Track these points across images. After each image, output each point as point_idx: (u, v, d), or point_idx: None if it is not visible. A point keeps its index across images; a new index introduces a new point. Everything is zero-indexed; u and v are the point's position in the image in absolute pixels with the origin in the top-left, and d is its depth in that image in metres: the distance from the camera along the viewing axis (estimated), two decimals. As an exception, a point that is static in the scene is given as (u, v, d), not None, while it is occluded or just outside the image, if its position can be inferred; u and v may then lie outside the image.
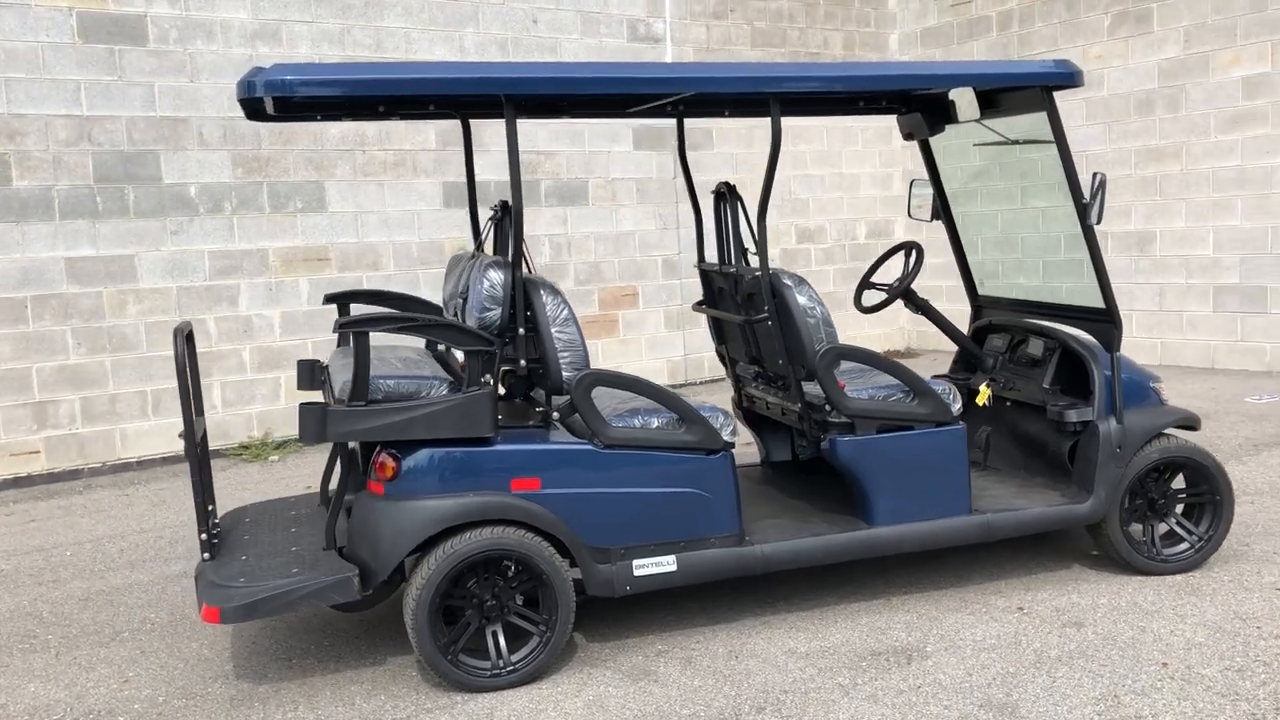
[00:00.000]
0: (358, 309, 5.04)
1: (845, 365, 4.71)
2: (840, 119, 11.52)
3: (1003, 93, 4.93)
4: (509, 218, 4.71)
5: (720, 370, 10.89)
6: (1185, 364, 9.87)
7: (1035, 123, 4.97)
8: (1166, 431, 4.83)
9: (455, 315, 4.68)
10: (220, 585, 3.92)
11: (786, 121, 11.13)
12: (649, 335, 10.46)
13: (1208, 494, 4.83)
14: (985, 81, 4.52)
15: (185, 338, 4.06)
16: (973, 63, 4.54)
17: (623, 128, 10.14)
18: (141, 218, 8.00)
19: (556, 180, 9.80)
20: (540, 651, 4.04)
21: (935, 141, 5.64)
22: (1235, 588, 4.62)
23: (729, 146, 10.82)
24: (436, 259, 9.22)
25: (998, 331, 5.48)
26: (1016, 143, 5.12)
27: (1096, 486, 4.65)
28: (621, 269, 10.25)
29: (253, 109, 4.54)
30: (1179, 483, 4.90)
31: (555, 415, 4.22)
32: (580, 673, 4.13)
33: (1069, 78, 4.53)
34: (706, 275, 5.28)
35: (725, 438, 4.28)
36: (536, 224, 9.71)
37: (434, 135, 9.16)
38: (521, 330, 4.18)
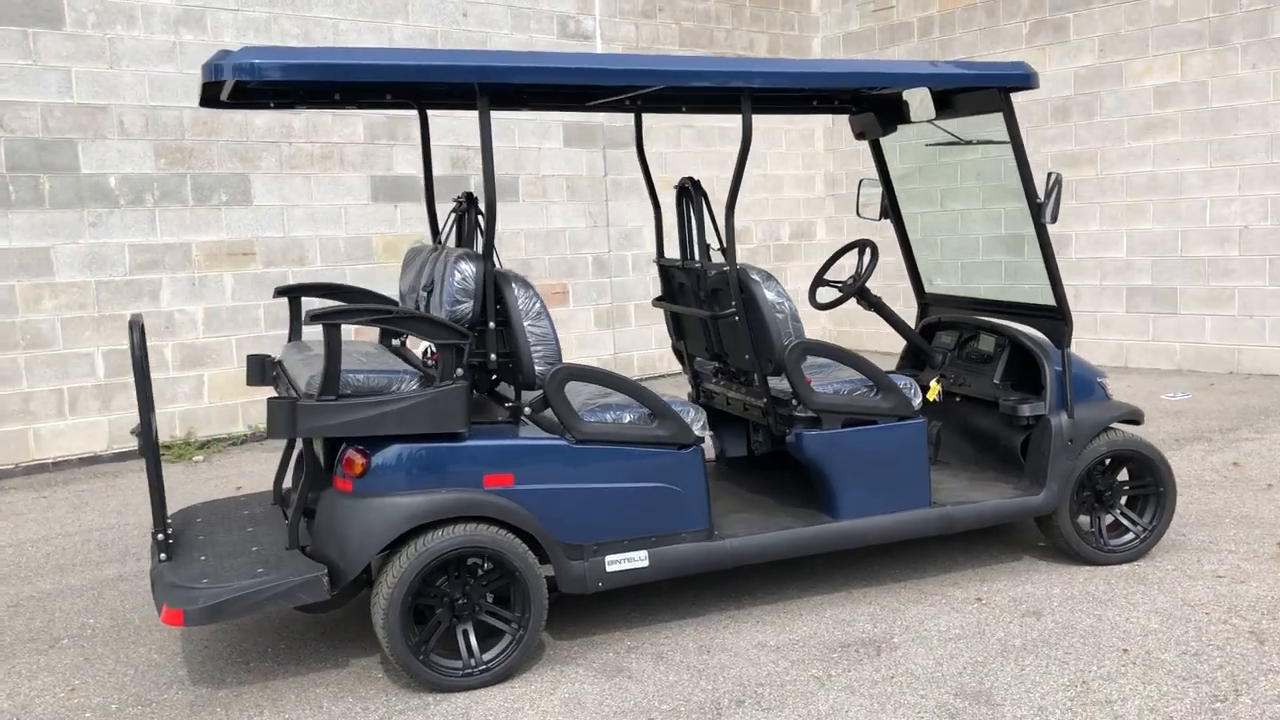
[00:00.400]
0: (309, 303, 4.90)
1: (810, 360, 4.75)
2: (764, 120, 11.63)
3: (958, 93, 5.02)
4: (472, 210, 4.63)
5: (650, 369, 10.90)
6: (1099, 362, 10.19)
7: (987, 123, 5.08)
8: (1111, 426, 4.97)
9: (417, 308, 4.59)
10: (181, 586, 3.78)
11: (713, 121, 11.19)
12: (579, 333, 10.42)
13: (1152, 486, 4.98)
14: (947, 81, 4.59)
15: (139, 330, 3.91)
16: (934, 63, 4.61)
17: (554, 124, 10.08)
18: (58, 209, 7.67)
19: (486, 176, 9.69)
20: (513, 650, 3.98)
21: (886, 141, 5.72)
22: (1180, 575, 4.77)
23: (658, 146, 10.83)
24: (364, 254, 9.04)
25: (946, 329, 5.58)
26: (969, 143, 5.22)
27: (1049, 479, 4.77)
28: (552, 266, 10.19)
29: (210, 95, 4.40)
30: (1123, 475, 5.05)
31: (526, 410, 4.16)
32: (552, 670, 4.08)
33: (1025, 79, 4.63)
34: (666, 270, 5.27)
35: (696, 432, 4.27)
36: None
37: (362, 128, 8.98)
38: (492, 324, 4.11)
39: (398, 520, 3.84)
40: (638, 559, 4.17)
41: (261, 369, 4.77)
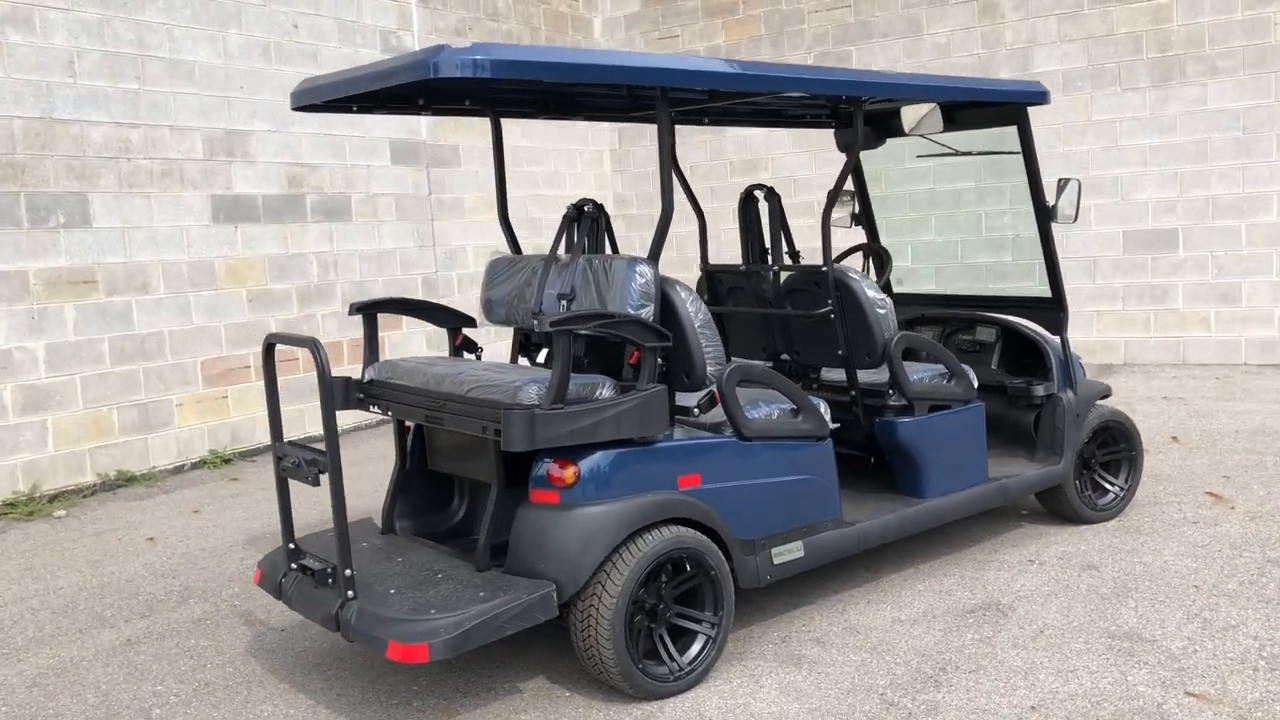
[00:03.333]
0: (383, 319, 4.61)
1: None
2: (560, 141, 11.82)
3: (965, 108, 5.54)
4: (584, 220, 4.55)
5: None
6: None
7: (975, 137, 5.64)
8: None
9: (519, 318, 4.52)
10: (407, 620, 3.49)
11: (516, 141, 11.23)
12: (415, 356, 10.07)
13: (1126, 451, 5.75)
14: (991, 96, 5.05)
15: (266, 350, 3.69)
16: (969, 78, 5.08)
17: (380, 142, 9.74)
18: (-122, 232, 6.51)
19: (322, 195, 9.21)
20: (711, 650, 4.00)
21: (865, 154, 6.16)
22: (1162, 525, 5.54)
23: (473, 165, 10.74)
24: (207, 280, 8.31)
25: (927, 324, 6.10)
26: (969, 154, 5.77)
27: (1065, 449, 5.39)
28: (385, 288, 9.82)
29: (306, 100, 4.10)
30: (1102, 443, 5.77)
31: (696, 410, 4.19)
32: (736, 666, 4.12)
33: (1044, 96, 5.23)
34: (714, 276, 5.40)
35: (830, 424, 4.48)
36: (304, 241, 9.05)
37: (200, 143, 8.27)
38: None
39: (617, 527, 3.76)
40: (796, 550, 4.31)
41: (345, 392, 4.44)
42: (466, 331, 4.91)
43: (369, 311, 4.60)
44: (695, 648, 3.99)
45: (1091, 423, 5.54)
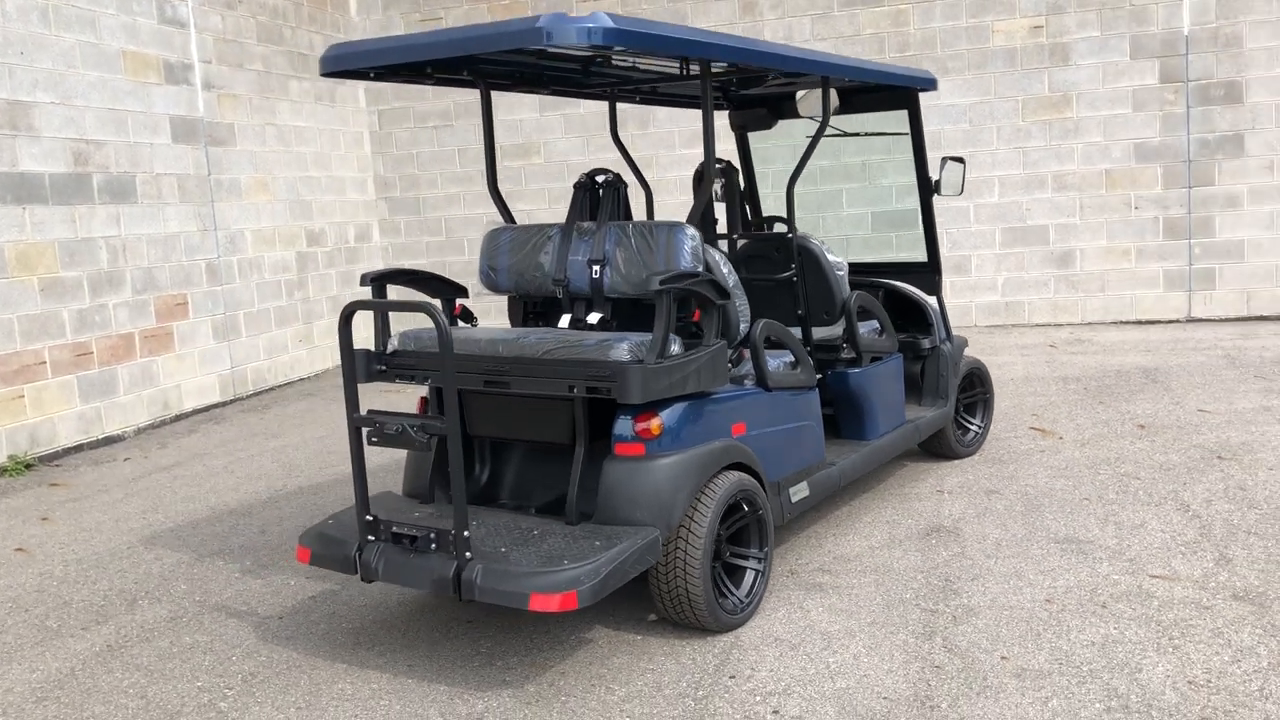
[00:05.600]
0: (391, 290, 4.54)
1: None
2: (326, 122, 11.48)
3: (859, 93, 6.16)
4: (607, 189, 4.67)
5: (263, 382, 10.26)
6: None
7: (865, 119, 6.30)
8: (950, 352, 6.52)
9: (560, 283, 4.60)
10: (545, 572, 3.59)
11: (286, 120, 10.81)
12: (201, 348, 9.50)
13: (981, 394, 6.65)
14: (894, 80, 5.68)
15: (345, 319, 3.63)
16: (873, 62, 5.66)
17: (162, 119, 9.09)
18: None
19: (108, 174, 8.49)
20: (760, 583, 4.35)
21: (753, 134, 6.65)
22: (1016, 454, 6.48)
23: (249, 144, 10.22)
24: None
25: None
26: (857, 135, 6.39)
27: (950, 394, 6.17)
28: (172, 275, 9.18)
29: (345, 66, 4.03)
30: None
31: (729, 365, 4.49)
32: (771, 599, 4.49)
33: (935, 83, 5.95)
34: None
35: (815, 374, 4.93)
36: (93, 224, 8.32)
37: (-13, 114, 7.42)
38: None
39: (698, 473, 4.02)
40: (804, 489, 4.74)
41: (366, 365, 4.38)
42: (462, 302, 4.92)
43: (380, 283, 4.52)
44: (748, 581, 4.32)
45: (962, 370, 6.37)
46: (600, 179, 4.72)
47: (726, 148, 11.44)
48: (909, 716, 3.47)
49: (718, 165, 5.45)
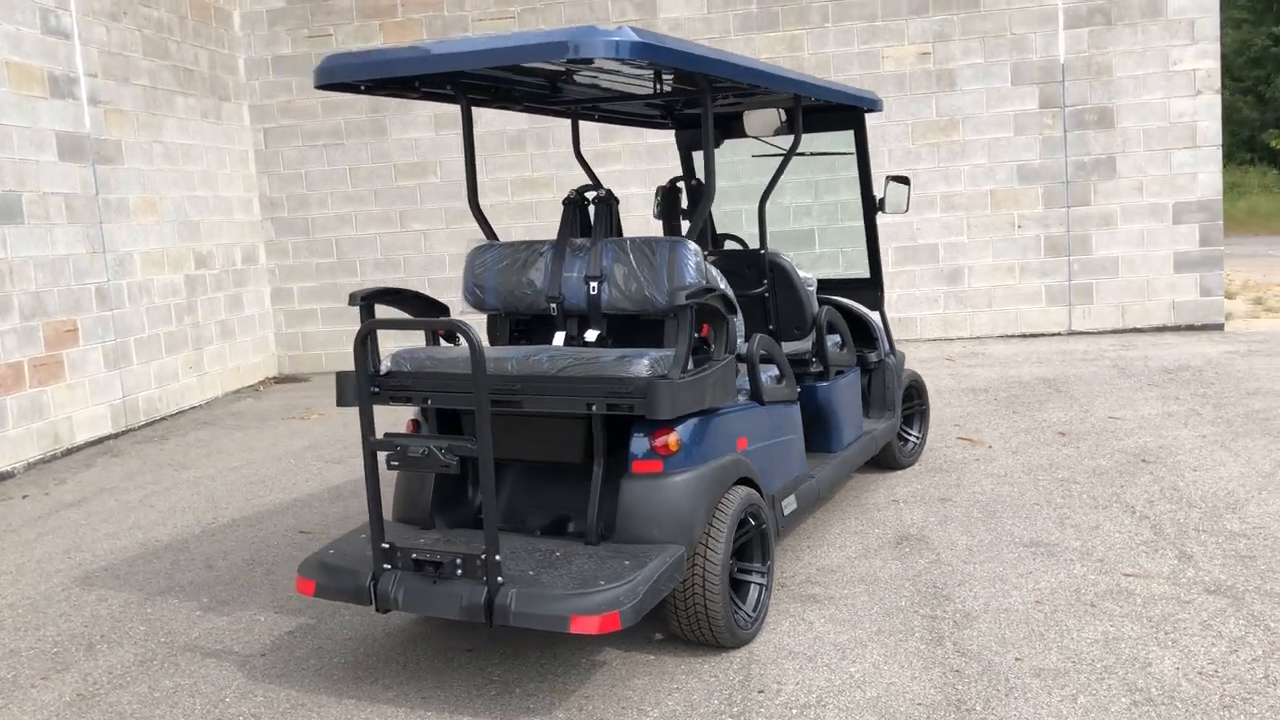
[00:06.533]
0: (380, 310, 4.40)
1: None
2: (209, 139, 11.04)
3: (805, 112, 6.25)
4: (599, 206, 4.60)
5: (154, 412, 9.77)
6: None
7: (817, 140, 6.41)
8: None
9: (553, 300, 4.52)
10: (583, 594, 3.52)
11: (173, 137, 10.36)
12: (92, 377, 8.98)
13: (918, 405, 6.84)
14: (841, 98, 5.78)
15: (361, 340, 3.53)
16: (828, 82, 5.77)
17: (47, 135, 8.59)
18: None
19: (-6, 193, 7.97)
20: (765, 598, 4.36)
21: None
22: (955, 464, 6.68)
23: (136, 162, 9.74)
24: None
25: None
26: (804, 154, 6.48)
27: (896, 405, 6.33)
28: (61, 300, 8.66)
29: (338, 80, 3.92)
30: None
31: (729, 380, 4.49)
32: (772, 612, 4.51)
33: (879, 104, 6.11)
34: None
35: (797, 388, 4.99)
36: (-21, 247, 7.78)
37: None
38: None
39: (714, 488, 4.02)
40: (793, 502, 4.78)
41: (359, 388, 4.21)
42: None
43: (368, 302, 4.36)
44: (753, 596, 4.33)
45: (903, 382, 6.54)
46: (591, 195, 4.68)
47: (659, 168, 11.50)
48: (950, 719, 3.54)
49: (691, 183, 5.48)
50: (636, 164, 11.67)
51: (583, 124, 10.97)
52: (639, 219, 11.16)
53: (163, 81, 10.30)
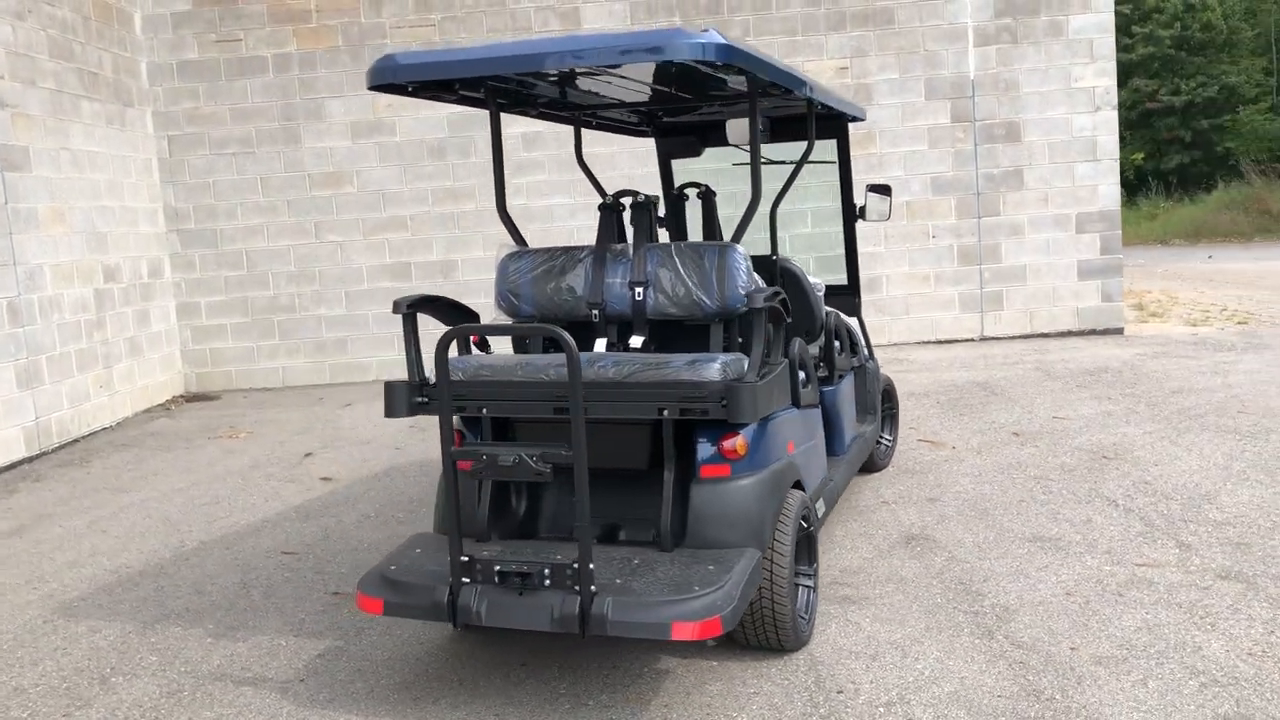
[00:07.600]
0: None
1: None
2: (112, 146, 10.52)
3: (784, 122, 6.33)
4: (640, 212, 4.54)
5: (67, 433, 9.22)
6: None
7: (798, 148, 6.47)
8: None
9: (597, 306, 4.44)
10: (680, 600, 3.48)
11: (80, 144, 9.83)
12: (4, 398, 8.42)
13: (889, 409, 6.99)
14: (839, 105, 5.86)
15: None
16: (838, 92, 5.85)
17: (-42, 139, 8.03)
18: None
19: (-96, 201, 7.40)
20: (814, 599, 4.38)
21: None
22: (929, 465, 6.84)
23: (45, 170, 9.19)
24: None
25: None
26: (782, 163, 6.54)
27: (877, 409, 6.46)
28: (-26, 316, 8.11)
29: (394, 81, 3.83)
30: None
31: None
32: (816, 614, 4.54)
33: (863, 114, 6.22)
34: None
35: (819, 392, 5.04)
36: (-110, 259, 7.22)
37: None
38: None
39: (778, 491, 4.03)
40: (823, 504, 4.83)
41: (407, 397, 4.09)
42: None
43: (413, 310, 4.22)
44: (802, 598, 4.34)
45: (880, 385, 6.68)
46: (626, 200, 4.64)
47: (637, 173, 11.45)
48: (1034, 709, 3.62)
49: (697, 189, 5.47)
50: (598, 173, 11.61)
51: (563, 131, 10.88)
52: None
53: (69, 85, 9.76)
